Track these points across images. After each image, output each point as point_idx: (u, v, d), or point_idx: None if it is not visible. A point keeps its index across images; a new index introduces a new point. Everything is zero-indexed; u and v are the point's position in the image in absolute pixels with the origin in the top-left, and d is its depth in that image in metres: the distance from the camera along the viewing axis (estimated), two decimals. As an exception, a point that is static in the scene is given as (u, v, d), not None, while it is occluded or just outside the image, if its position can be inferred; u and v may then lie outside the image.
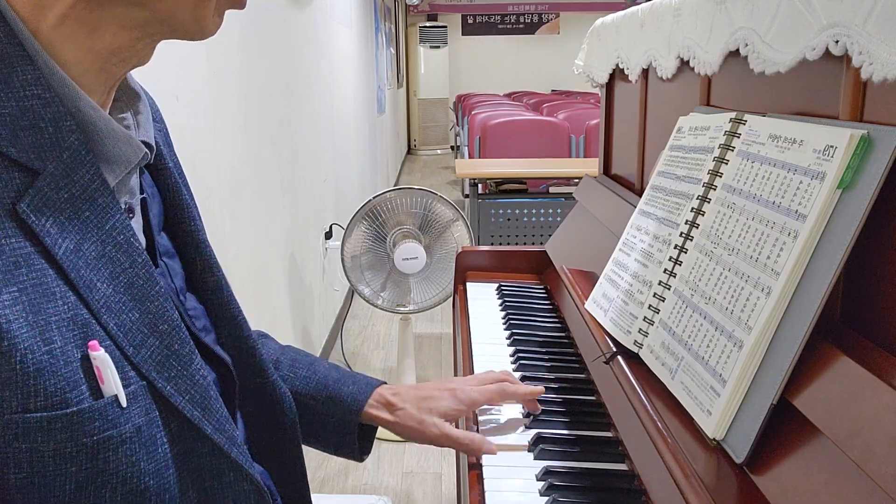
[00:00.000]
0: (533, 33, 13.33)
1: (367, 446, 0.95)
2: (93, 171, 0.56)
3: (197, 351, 0.63)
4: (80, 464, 0.54)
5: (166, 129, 0.76)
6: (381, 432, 0.95)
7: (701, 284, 0.84)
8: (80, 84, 0.56)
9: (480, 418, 0.99)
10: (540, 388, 0.98)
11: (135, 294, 0.58)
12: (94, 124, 0.57)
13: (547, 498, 0.81)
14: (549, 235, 1.63)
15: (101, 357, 0.54)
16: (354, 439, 0.92)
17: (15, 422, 0.51)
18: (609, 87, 1.62)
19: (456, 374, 1.39)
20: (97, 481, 0.55)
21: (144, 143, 0.63)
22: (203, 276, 0.74)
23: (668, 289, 0.91)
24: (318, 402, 0.91)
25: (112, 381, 0.55)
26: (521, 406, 1.01)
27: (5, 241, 0.51)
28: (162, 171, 0.72)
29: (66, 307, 0.53)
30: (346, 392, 0.91)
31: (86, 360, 0.54)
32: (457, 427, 0.94)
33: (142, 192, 0.67)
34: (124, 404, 0.55)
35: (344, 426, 0.91)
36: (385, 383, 0.95)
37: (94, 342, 0.54)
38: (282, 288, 2.66)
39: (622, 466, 0.88)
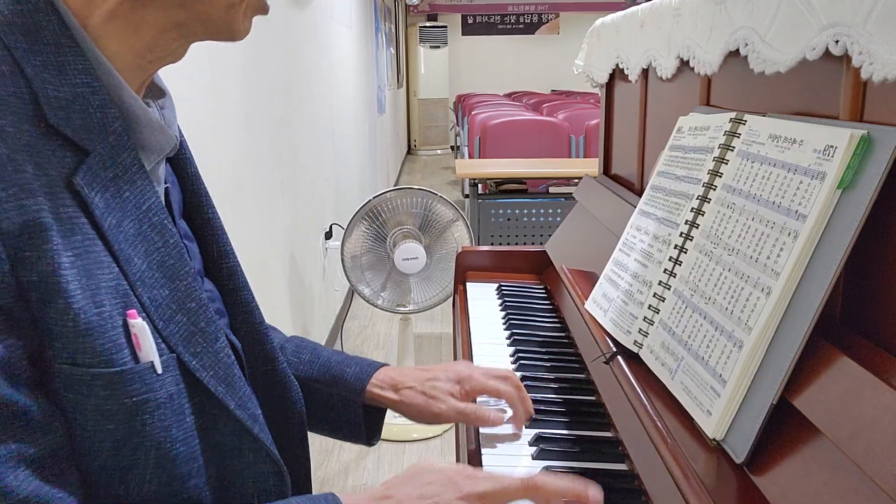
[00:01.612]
0: (533, 33, 13.33)
1: (376, 430, 0.95)
2: (133, 155, 0.60)
3: (222, 330, 0.65)
4: (118, 422, 0.57)
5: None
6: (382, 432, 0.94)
7: (701, 284, 0.84)
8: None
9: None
10: (531, 411, 0.95)
11: (166, 272, 0.61)
12: (134, 113, 0.61)
13: (547, 498, 0.81)
14: (549, 235, 1.63)
15: (139, 325, 0.58)
16: (360, 420, 0.92)
17: (63, 372, 0.55)
18: (609, 87, 1.62)
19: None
20: (133, 441, 0.58)
21: None
22: (219, 262, 0.76)
23: (668, 289, 0.91)
24: (322, 384, 0.92)
25: (149, 348, 0.58)
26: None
27: (63, 209, 0.55)
28: (182, 161, 0.75)
29: (111, 276, 0.57)
30: (348, 373, 0.92)
31: (125, 327, 0.57)
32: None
33: (165, 182, 0.69)
34: (159, 371, 0.59)
35: (348, 407, 0.92)
36: (387, 365, 0.95)
37: (132, 311, 0.58)
38: (282, 288, 2.66)
39: (622, 466, 0.88)
